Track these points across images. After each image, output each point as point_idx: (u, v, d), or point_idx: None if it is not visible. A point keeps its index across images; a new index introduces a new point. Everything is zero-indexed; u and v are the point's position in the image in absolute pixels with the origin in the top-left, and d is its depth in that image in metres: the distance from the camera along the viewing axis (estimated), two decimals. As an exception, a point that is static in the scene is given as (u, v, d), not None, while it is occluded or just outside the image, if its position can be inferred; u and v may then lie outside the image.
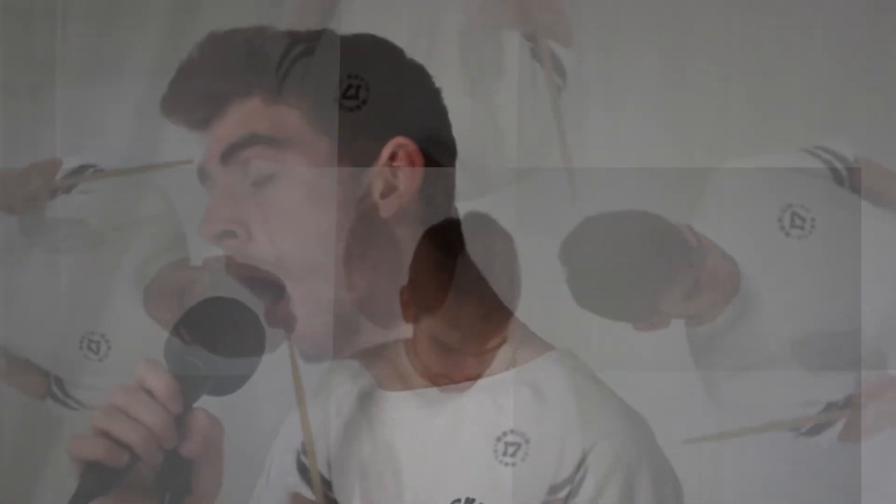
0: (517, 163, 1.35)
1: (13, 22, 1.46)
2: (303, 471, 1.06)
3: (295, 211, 0.92)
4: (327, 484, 1.05)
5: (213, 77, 0.95)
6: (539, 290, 1.02)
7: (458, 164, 0.99)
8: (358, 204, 0.92)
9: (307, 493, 1.06)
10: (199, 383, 0.87)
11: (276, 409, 1.31)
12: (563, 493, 0.88)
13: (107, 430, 0.82)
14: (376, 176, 0.93)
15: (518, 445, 0.91)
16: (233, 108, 0.94)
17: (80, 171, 1.46)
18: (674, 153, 1.37)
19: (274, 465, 1.08)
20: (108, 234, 1.45)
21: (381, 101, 0.94)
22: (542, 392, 0.92)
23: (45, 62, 1.45)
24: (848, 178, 1.36)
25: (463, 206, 0.98)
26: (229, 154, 0.93)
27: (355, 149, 0.93)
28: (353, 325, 0.92)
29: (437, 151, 0.96)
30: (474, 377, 0.94)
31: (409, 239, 0.94)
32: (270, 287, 0.92)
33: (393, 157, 0.93)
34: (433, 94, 0.99)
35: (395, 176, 0.93)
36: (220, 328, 0.89)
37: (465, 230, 0.96)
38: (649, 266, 1.35)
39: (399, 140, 0.93)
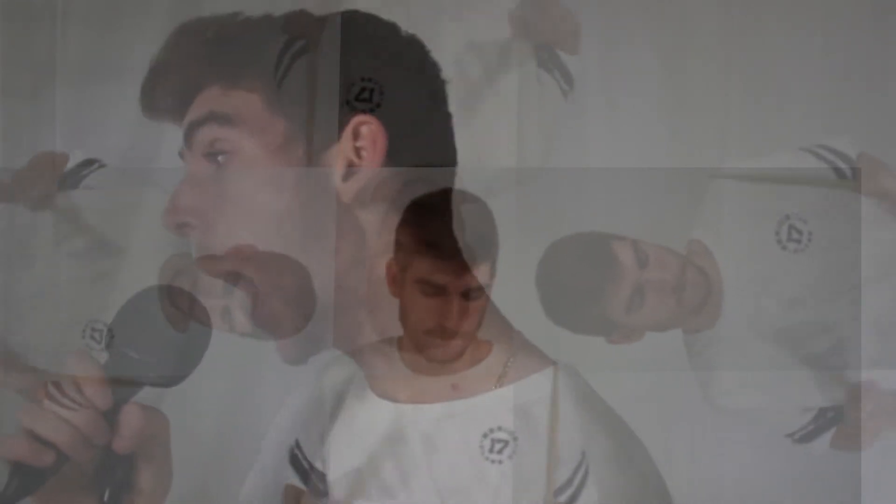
0: (517, 163, 1.34)
1: (13, 22, 1.46)
2: (296, 464, 1.06)
3: (250, 196, 0.91)
4: (321, 476, 1.04)
5: (179, 71, 0.94)
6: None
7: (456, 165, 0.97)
8: (316, 187, 0.91)
9: (298, 484, 1.06)
10: (137, 376, 0.86)
11: (271, 405, 1.30)
12: (563, 498, 0.87)
13: (30, 428, 0.81)
14: (337, 156, 0.91)
15: (505, 443, 0.89)
16: (197, 97, 0.94)
17: (85, 164, 1.46)
18: (674, 153, 1.37)
19: (266, 456, 1.07)
20: (110, 228, 1.44)
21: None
22: (528, 417, 0.90)
23: (45, 62, 1.45)
24: (852, 179, 1.36)
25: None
26: (189, 134, 0.93)
27: (314, 129, 0.91)
28: (326, 319, 0.91)
29: (420, 132, 0.94)
30: (464, 330, 0.90)
31: (374, 224, 0.92)
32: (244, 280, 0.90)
33: (355, 135, 0.91)
34: (424, 73, 0.96)
35: (358, 156, 0.91)
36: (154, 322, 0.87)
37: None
38: (587, 284, 1.35)
39: (361, 118, 0.91)
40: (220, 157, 0.91)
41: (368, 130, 0.91)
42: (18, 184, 1.44)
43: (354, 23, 0.96)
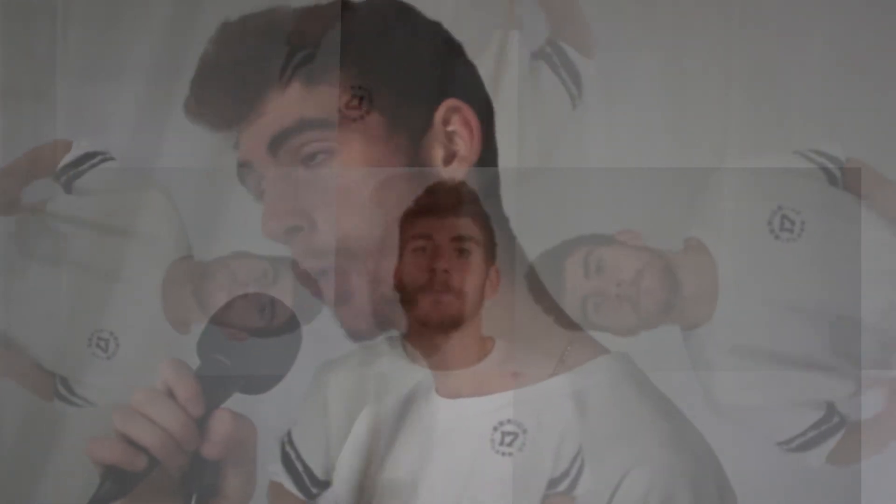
0: (518, 162, 1.35)
1: (13, 22, 1.45)
2: (286, 462, 1.06)
3: (355, 189, 0.90)
4: (315, 481, 1.04)
5: (240, 71, 0.92)
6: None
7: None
8: (419, 175, 0.90)
9: (287, 485, 1.06)
10: (226, 383, 0.86)
11: (278, 406, 1.31)
12: (562, 486, 0.87)
13: (124, 432, 0.82)
14: (433, 141, 0.90)
15: (515, 435, 0.90)
16: (271, 98, 0.92)
17: (87, 157, 1.45)
18: (674, 153, 1.37)
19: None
20: (110, 231, 1.44)
21: (421, 65, 0.91)
22: (585, 405, 0.90)
23: (45, 62, 1.45)
24: (841, 180, 1.37)
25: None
26: (279, 142, 0.91)
27: (406, 117, 0.90)
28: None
29: (486, 111, 0.93)
30: (456, 285, 0.90)
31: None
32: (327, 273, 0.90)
33: (446, 121, 0.91)
34: (458, 51, 0.96)
35: (451, 141, 0.91)
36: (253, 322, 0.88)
37: None
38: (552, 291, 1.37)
39: (450, 102, 0.91)
40: (316, 154, 0.90)
41: (459, 116, 0.91)
42: (12, 174, 1.44)
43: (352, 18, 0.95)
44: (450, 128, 0.91)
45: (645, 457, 0.86)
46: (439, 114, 0.90)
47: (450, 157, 0.90)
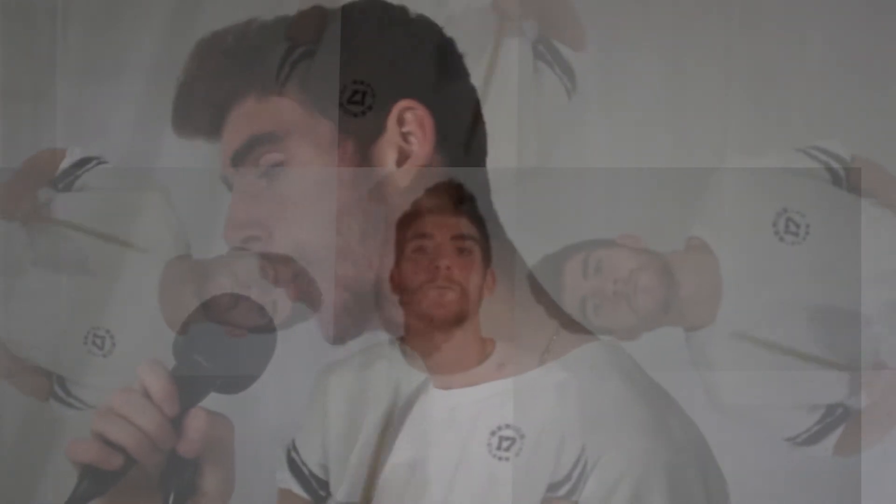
0: (518, 162, 1.34)
1: (13, 22, 1.46)
2: (293, 468, 1.06)
3: (306, 198, 0.91)
4: (322, 484, 1.04)
5: (209, 87, 0.94)
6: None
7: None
8: (370, 179, 0.91)
9: (298, 491, 1.06)
10: (203, 382, 0.87)
11: (278, 407, 1.31)
12: (562, 491, 0.87)
13: (101, 432, 0.82)
14: (386, 145, 0.91)
15: (512, 440, 0.90)
16: (232, 113, 0.94)
17: (82, 163, 1.45)
18: (674, 153, 1.37)
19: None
20: (108, 231, 1.44)
21: (382, 68, 0.92)
22: (569, 393, 0.90)
23: (45, 62, 1.45)
24: (846, 179, 1.36)
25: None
26: (236, 161, 0.93)
27: (359, 123, 0.91)
28: (374, 303, 0.91)
29: (455, 111, 0.94)
30: (456, 280, 0.90)
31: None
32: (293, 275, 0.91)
33: (400, 122, 0.92)
34: (442, 51, 0.96)
35: (406, 141, 0.92)
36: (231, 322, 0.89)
37: None
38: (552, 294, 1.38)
39: (404, 103, 0.91)
40: (270, 166, 0.92)
41: (414, 115, 0.91)
42: (12, 187, 1.44)
43: (356, 15, 0.95)
44: (405, 128, 0.91)
45: (618, 443, 0.85)
46: (393, 116, 0.90)
47: (403, 158, 0.90)
